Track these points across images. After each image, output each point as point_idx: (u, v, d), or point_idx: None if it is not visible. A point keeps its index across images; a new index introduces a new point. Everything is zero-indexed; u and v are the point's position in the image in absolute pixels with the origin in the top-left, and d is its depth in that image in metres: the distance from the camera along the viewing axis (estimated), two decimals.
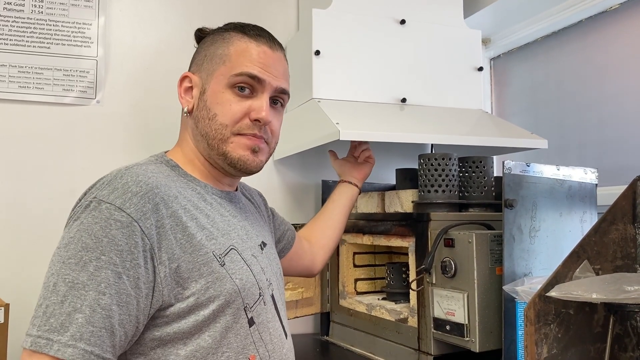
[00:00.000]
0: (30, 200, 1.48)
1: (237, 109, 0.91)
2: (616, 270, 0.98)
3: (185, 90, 0.96)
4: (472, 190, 1.32)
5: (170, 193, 0.83)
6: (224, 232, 0.89)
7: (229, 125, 0.91)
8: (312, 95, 1.48)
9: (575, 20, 1.67)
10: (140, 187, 0.80)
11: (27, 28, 1.50)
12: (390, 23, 1.57)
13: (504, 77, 1.98)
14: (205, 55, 0.96)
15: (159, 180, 0.84)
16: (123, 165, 0.86)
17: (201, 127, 0.93)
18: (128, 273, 0.75)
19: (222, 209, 0.93)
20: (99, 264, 0.74)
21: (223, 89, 0.92)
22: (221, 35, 0.96)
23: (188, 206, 0.85)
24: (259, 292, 0.89)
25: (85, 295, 0.72)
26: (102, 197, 0.78)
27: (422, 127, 1.47)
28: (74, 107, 1.54)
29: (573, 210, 1.17)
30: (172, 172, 0.91)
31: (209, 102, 0.92)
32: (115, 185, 0.80)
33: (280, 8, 1.78)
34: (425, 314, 1.21)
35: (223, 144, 0.91)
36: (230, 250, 0.87)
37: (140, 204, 0.78)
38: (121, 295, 0.74)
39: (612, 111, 1.55)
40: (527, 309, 0.91)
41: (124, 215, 0.76)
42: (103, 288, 0.73)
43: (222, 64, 0.93)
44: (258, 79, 0.92)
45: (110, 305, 0.73)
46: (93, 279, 0.73)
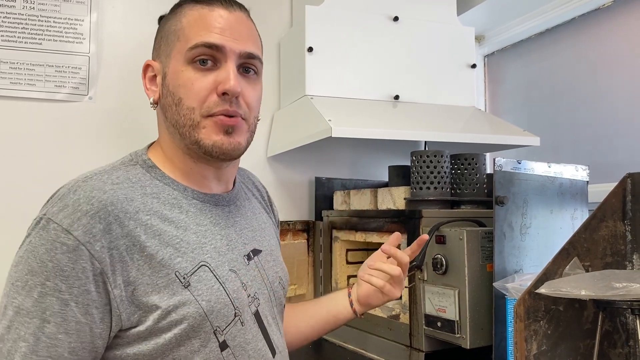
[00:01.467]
0: (21, 197, 1.47)
1: (201, 86, 0.80)
2: (606, 267, 0.99)
3: (149, 80, 0.87)
4: (464, 187, 1.32)
5: (128, 209, 0.76)
6: (196, 245, 0.80)
7: (196, 107, 0.80)
8: (305, 92, 1.48)
9: (569, 18, 1.67)
10: (92, 205, 0.73)
11: (19, 24, 1.49)
12: (384, 20, 1.57)
13: (497, 74, 1.98)
14: (160, 37, 0.87)
15: (116, 194, 0.76)
16: (86, 172, 0.80)
17: (170, 116, 0.83)
18: (77, 300, 0.71)
19: (201, 216, 0.84)
20: (43, 290, 0.70)
21: (182, 66, 0.81)
22: (173, 12, 0.87)
23: (151, 221, 0.77)
24: (234, 312, 0.80)
25: (29, 322, 0.69)
26: (51, 215, 0.73)
27: (415, 124, 1.47)
28: (66, 103, 1.53)
29: (564, 207, 1.17)
30: (147, 175, 0.83)
31: (171, 86, 0.82)
32: (67, 201, 0.74)
33: (273, 4, 1.77)
34: (417, 310, 1.21)
35: (194, 130, 0.81)
36: (201, 267, 0.79)
37: (89, 224, 0.72)
38: (69, 323, 0.70)
39: (604, 108, 1.55)
40: (517, 305, 0.91)
41: (71, 239, 0.71)
42: (47, 316, 0.69)
43: (177, 41, 0.82)
44: (216, 46, 0.80)
45: (55, 334, 0.69)
46: (37, 305, 0.69)
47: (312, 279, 1.64)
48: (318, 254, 1.65)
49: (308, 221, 1.71)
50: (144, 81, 0.87)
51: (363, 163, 1.86)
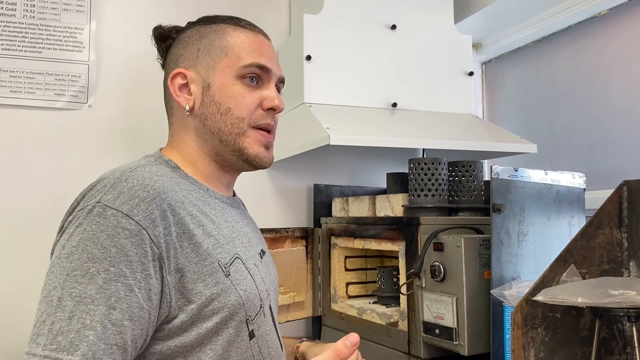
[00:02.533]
0: (22, 204, 1.47)
1: (250, 100, 0.89)
2: (603, 274, 0.99)
3: (179, 88, 0.91)
4: (462, 195, 1.33)
5: (176, 198, 0.79)
6: (229, 239, 0.85)
7: (245, 117, 0.89)
8: (304, 100, 1.48)
9: (565, 26, 1.68)
10: (148, 192, 0.76)
11: (19, 33, 1.50)
12: (381, 28, 1.58)
13: (495, 82, 1.99)
14: (198, 49, 0.91)
15: (165, 184, 0.80)
16: (123, 165, 0.82)
17: (211, 123, 0.89)
18: (140, 285, 0.71)
19: (225, 214, 0.90)
20: (108, 276, 0.69)
21: (232, 80, 0.89)
22: (210, 28, 0.93)
23: (194, 212, 0.81)
24: (260, 304, 0.86)
25: (95, 310, 0.68)
26: (107, 202, 0.73)
27: (413, 132, 1.48)
28: (65, 111, 1.54)
29: (561, 214, 1.18)
30: (174, 174, 0.87)
31: (218, 96, 0.89)
32: (121, 189, 0.75)
33: (272, 13, 1.78)
34: (415, 317, 1.21)
35: (240, 138, 0.89)
36: (235, 259, 0.84)
37: (148, 210, 0.74)
38: (133, 310, 0.70)
39: (601, 115, 1.56)
40: (514, 312, 0.91)
41: (132, 223, 0.72)
42: (113, 302, 0.69)
43: (225, 56, 0.90)
44: (266, 68, 0.91)
45: (121, 321, 0.69)
46: (102, 292, 0.68)
47: (310, 286, 1.64)
48: (317, 261, 1.65)
49: (307, 228, 1.71)
50: (172, 88, 0.91)
51: (361, 170, 1.86)
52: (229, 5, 1.72)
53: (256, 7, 1.76)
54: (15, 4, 1.50)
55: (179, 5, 1.67)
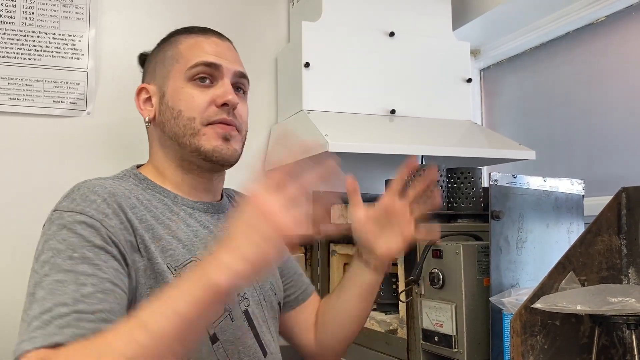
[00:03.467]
0: (21, 211, 1.47)
1: (201, 100, 0.89)
2: (602, 281, 0.99)
3: (143, 102, 0.96)
4: (460, 201, 1.33)
5: (127, 203, 0.82)
6: (188, 243, 0.86)
7: (196, 117, 0.89)
8: (302, 107, 1.49)
9: (563, 32, 1.68)
10: (99, 194, 0.79)
11: (18, 40, 1.50)
12: (380, 35, 1.58)
13: (494, 88, 1.99)
14: (155, 63, 0.96)
15: (116, 190, 0.82)
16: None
17: (168, 129, 0.91)
18: (106, 264, 0.73)
19: (190, 219, 0.90)
20: (72, 262, 0.72)
21: (182, 84, 0.90)
22: (167, 41, 0.97)
23: (146, 216, 0.83)
24: (224, 307, 0.85)
25: (65, 289, 0.69)
26: (62, 208, 0.78)
27: (412, 139, 1.48)
28: (64, 118, 1.54)
29: (560, 221, 1.17)
30: (139, 186, 0.90)
31: (171, 102, 0.91)
32: (74, 196, 0.80)
33: (270, 20, 1.79)
34: (414, 325, 1.21)
35: (194, 138, 0.88)
36: (191, 262, 0.84)
37: (100, 207, 0.78)
38: (104, 283, 0.72)
39: (599, 122, 1.56)
40: (513, 320, 0.91)
41: (87, 217, 0.76)
42: (83, 280, 0.70)
43: (176, 62, 0.92)
44: (215, 65, 0.90)
45: (94, 294, 0.70)
46: (69, 274, 0.71)
47: None
48: (316, 268, 1.65)
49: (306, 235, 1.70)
50: (138, 103, 0.96)
51: (360, 177, 1.84)
52: (227, 13, 1.72)
53: (255, 15, 1.76)
54: (15, 12, 1.50)
55: (176, 13, 1.68)
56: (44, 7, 1.53)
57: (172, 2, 1.68)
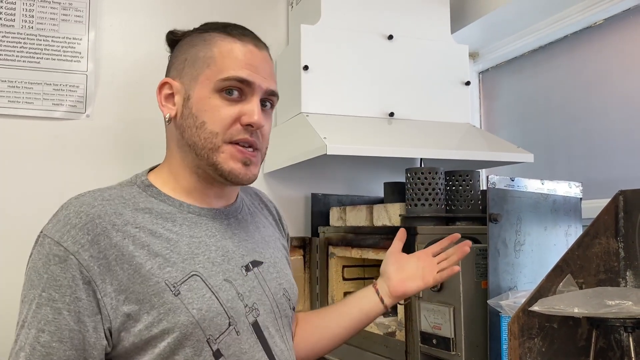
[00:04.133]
0: (20, 214, 1.47)
1: (226, 114, 0.84)
2: (599, 284, 0.99)
3: (165, 98, 0.89)
4: (459, 204, 1.33)
5: (116, 222, 0.79)
6: (188, 256, 0.82)
7: (219, 132, 0.84)
8: (301, 110, 1.49)
9: (561, 35, 1.69)
10: (80, 218, 0.78)
11: (18, 43, 1.51)
12: (378, 38, 1.59)
13: (492, 91, 1.99)
14: (185, 59, 0.89)
15: (105, 209, 0.80)
16: (79, 194, 0.84)
17: (188, 136, 0.86)
18: (69, 308, 0.75)
19: (195, 228, 0.86)
20: (40, 301, 0.75)
21: (210, 94, 0.85)
22: (201, 37, 0.89)
23: (139, 233, 0.80)
24: (228, 322, 0.82)
25: (28, 333, 0.74)
26: (46, 231, 0.79)
27: (410, 141, 1.48)
28: (63, 121, 1.54)
29: (558, 224, 1.18)
30: (142, 193, 0.86)
31: (195, 109, 0.86)
32: (59, 217, 0.80)
33: (270, 23, 1.79)
34: (413, 327, 1.21)
35: (213, 153, 0.84)
36: (192, 277, 0.81)
37: (78, 236, 0.77)
38: (63, 331, 0.74)
39: (598, 125, 1.57)
40: (511, 323, 0.91)
41: (61, 250, 0.76)
42: (42, 325, 0.74)
43: (207, 67, 0.86)
44: (247, 82, 0.85)
45: (50, 343, 0.74)
46: (35, 316, 0.75)
47: (308, 296, 1.64)
48: (314, 271, 1.65)
49: (304, 237, 1.71)
50: (159, 97, 0.90)
51: (359, 179, 1.87)
52: (225, 16, 1.72)
53: (254, 18, 1.77)
54: (14, 15, 1.50)
55: (175, 15, 1.68)
56: (43, 10, 1.53)
57: (171, 5, 1.68)
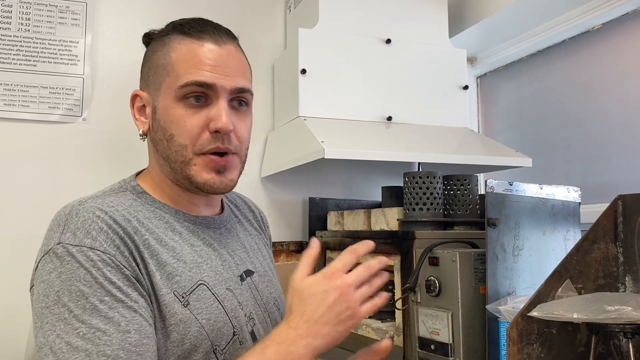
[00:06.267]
0: (15, 218, 1.46)
1: (192, 124, 0.80)
2: (598, 289, 0.98)
3: (138, 111, 0.87)
4: (457, 208, 1.32)
5: (128, 227, 0.76)
6: (193, 265, 0.81)
7: (188, 145, 0.81)
8: (299, 114, 1.48)
9: (559, 40, 1.69)
10: (101, 222, 0.74)
11: (14, 46, 1.50)
12: (376, 42, 1.58)
13: (490, 95, 1.99)
14: (149, 68, 0.86)
15: (115, 215, 0.77)
16: (77, 199, 0.79)
17: (161, 150, 0.84)
18: (138, 305, 0.71)
19: (194, 237, 0.84)
20: (106, 306, 0.68)
21: (173, 103, 0.81)
22: (161, 41, 0.86)
23: (149, 241, 0.78)
24: (233, 331, 0.81)
25: (111, 339, 0.66)
26: (67, 241, 0.72)
27: (408, 145, 1.48)
28: (59, 124, 1.53)
29: (556, 228, 1.17)
30: (138, 200, 0.83)
31: (162, 121, 0.82)
32: (76, 225, 0.73)
33: (267, 27, 1.79)
34: (411, 333, 1.20)
35: (186, 166, 0.82)
36: (199, 286, 0.79)
37: (108, 239, 0.73)
38: (144, 327, 0.70)
39: (596, 129, 1.56)
40: (509, 328, 0.90)
41: (100, 254, 0.71)
42: (124, 326, 0.68)
43: (167, 75, 0.82)
44: (208, 85, 0.80)
45: (140, 340, 0.69)
46: (109, 321, 0.68)
47: None
48: None
49: (302, 242, 1.70)
50: (133, 111, 0.88)
51: (357, 183, 1.86)
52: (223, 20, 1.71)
53: (251, 22, 1.76)
54: (11, 17, 1.50)
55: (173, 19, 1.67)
56: (40, 13, 1.53)
57: (168, 9, 1.68)
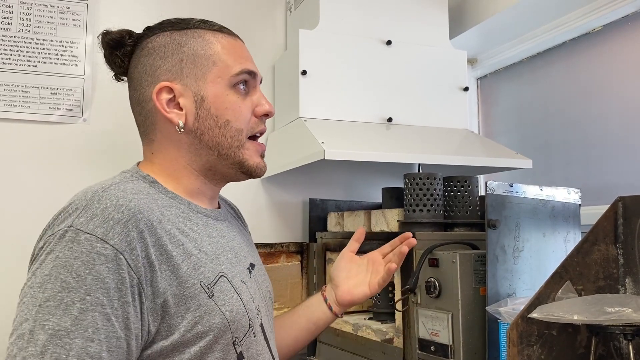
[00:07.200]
0: (16, 218, 1.46)
1: (245, 109, 0.87)
2: (599, 291, 0.98)
3: (167, 104, 0.84)
4: (457, 210, 1.32)
5: (154, 217, 0.74)
6: (213, 256, 0.80)
7: (243, 129, 0.86)
8: (299, 115, 1.48)
9: (560, 42, 1.69)
10: (122, 212, 0.71)
11: (15, 46, 1.50)
12: (377, 44, 1.58)
13: (490, 97, 1.99)
14: (181, 60, 0.85)
15: (140, 202, 0.74)
16: (96, 184, 0.77)
17: (208, 138, 0.84)
18: (117, 313, 0.67)
19: (209, 229, 0.84)
20: (84, 306, 0.65)
21: (226, 91, 0.85)
22: (187, 35, 0.86)
23: (173, 231, 0.76)
24: (249, 323, 0.81)
25: (71, 343, 0.64)
26: (79, 225, 0.69)
27: (408, 147, 1.48)
28: (60, 125, 1.54)
29: (557, 230, 1.17)
30: (152, 189, 0.81)
31: (214, 109, 0.84)
32: (94, 211, 0.70)
33: (268, 28, 1.79)
34: (411, 334, 1.20)
35: (240, 150, 0.86)
36: (220, 278, 0.79)
37: (124, 232, 0.70)
38: (111, 340, 0.67)
39: (596, 131, 1.56)
40: (509, 330, 0.91)
41: (108, 248, 0.68)
42: (91, 334, 0.65)
43: (214, 65, 0.85)
44: (253, 73, 0.89)
45: (99, 353, 0.65)
46: (78, 324, 0.65)
47: None
48: (312, 276, 1.64)
49: (302, 243, 1.70)
50: (159, 104, 0.84)
51: (357, 185, 1.86)
52: (224, 20, 1.71)
53: (252, 23, 1.77)
54: (12, 18, 1.50)
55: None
56: (41, 14, 1.53)
57: (169, 10, 1.68)
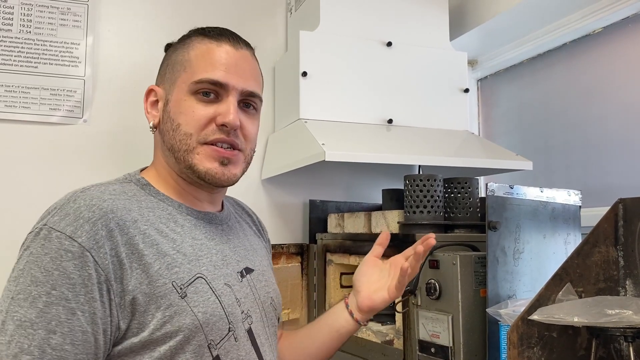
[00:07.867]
0: (16, 219, 1.46)
1: (200, 115, 0.85)
2: (599, 293, 0.98)
3: (151, 105, 0.91)
4: (457, 211, 1.32)
5: (127, 217, 0.77)
6: (193, 257, 0.81)
7: (193, 133, 0.84)
8: (299, 116, 1.48)
9: (560, 43, 1.69)
10: (93, 212, 0.75)
11: (15, 47, 1.50)
12: (377, 45, 1.59)
13: (491, 98, 1.99)
14: (167, 65, 0.91)
15: (115, 203, 0.78)
16: (80, 187, 0.82)
17: (167, 140, 0.87)
18: (83, 308, 0.70)
19: (195, 231, 0.86)
20: (49, 300, 0.69)
21: (185, 96, 0.86)
22: (182, 42, 0.92)
23: (149, 231, 0.79)
24: (228, 327, 0.81)
25: (34, 334, 0.68)
26: (52, 224, 0.73)
27: (409, 148, 1.48)
28: (60, 126, 1.53)
29: (557, 232, 1.17)
30: (141, 192, 0.85)
31: (172, 112, 0.87)
32: (67, 210, 0.75)
33: (269, 29, 1.79)
34: (411, 336, 1.20)
35: (189, 155, 0.85)
36: (197, 279, 0.80)
37: (92, 231, 0.73)
38: (76, 334, 0.70)
39: (596, 132, 1.56)
40: (510, 332, 0.91)
41: (76, 245, 0.71)
42: (53, 326, 0.69)
43: (183, 71, 0.87)
44: (220, 84, 0.85)
45: (62, 345, 0.69)
46: (42, 316, 0.69)
47: (306, 303, 1.63)
48: (312, 278, 1.64)
49: (302, 244, 1.70)
50: (145, 105, 0.92)
51: (357, 186, 1.86)
52: (224, 22, 1.72)
53: (252, 24, 1.77)
54: (12, 19, 1.50)
55: (174, 21, 1.68)
56: (41, 15, 1.53)
57: (170, 11, 1.68)
